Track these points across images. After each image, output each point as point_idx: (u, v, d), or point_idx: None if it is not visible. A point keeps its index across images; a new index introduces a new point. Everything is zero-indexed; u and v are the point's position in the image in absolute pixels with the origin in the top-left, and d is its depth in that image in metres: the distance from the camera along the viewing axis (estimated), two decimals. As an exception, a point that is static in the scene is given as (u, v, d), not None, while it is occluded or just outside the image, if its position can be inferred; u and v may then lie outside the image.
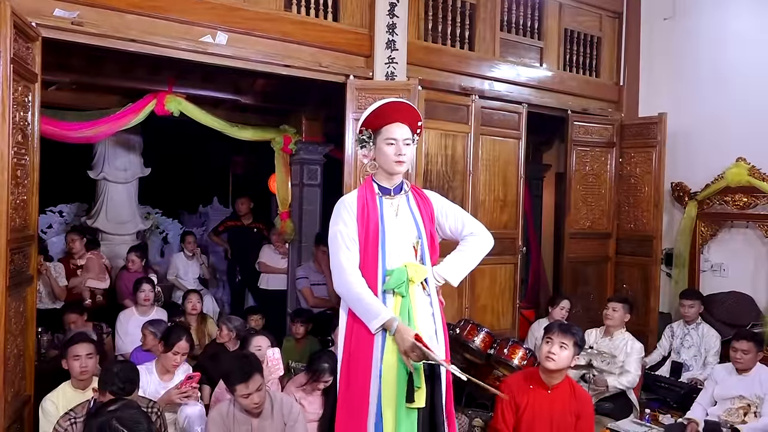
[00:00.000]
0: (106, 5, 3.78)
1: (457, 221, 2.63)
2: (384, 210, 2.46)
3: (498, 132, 5.29)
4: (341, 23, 4.71)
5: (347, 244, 2.39)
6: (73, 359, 3.30)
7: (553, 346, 3.10)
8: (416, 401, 2.29)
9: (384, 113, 2.46)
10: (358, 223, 2.42)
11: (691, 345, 5.02)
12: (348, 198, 2.50)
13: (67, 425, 2.79)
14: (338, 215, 2.45)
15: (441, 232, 2.65)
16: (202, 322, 5.05)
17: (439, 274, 2.54)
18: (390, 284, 2.35)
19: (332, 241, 2.44)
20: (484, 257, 2.68)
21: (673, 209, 6.05)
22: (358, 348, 2.39)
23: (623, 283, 6.03)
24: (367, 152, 2.52)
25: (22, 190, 3.30)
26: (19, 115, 3.23)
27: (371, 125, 2.48)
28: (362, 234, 2.41)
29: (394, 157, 2.44)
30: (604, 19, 6.22)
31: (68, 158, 6.30)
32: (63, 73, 4.97)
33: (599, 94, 6.19)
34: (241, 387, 2.97)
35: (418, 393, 2.30)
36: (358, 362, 2.38)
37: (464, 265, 2.61)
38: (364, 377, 2.35)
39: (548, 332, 3.20)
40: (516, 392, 3.15)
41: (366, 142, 2.50)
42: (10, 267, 3.10)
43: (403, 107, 2.49)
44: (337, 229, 2.42)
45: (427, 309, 2.46)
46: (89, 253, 5.56)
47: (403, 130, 2.47)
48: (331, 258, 2.43)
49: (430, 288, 2.49)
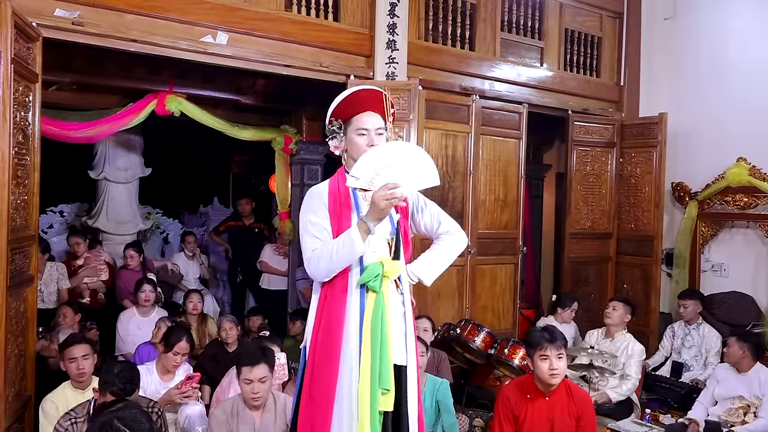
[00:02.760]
0: (107, 5, 3.78)
1: (432, 219, 2.50)
2: (359, 203, 2.31)
3: (498, 132, 5.29)
4: (342, 23, 4.72)
5: (315, 233, 2.25)
6: (69, 362, 3.28)
7: (553, 361, 3.01)
8: (383, 404, 2.17)
9: (354, 102, 2.31)
10: (329, 213, 2.28)
11: (692, 345, 5.02)
12: (318, 188, 2.36)
13: (67, 425, 2.79)
14: (308, 205, 2.31)
15: (415, 228, 2.52)
16: (203, 322, 5.06)
17: (413, 272, 2.42)
18: (363, 278, 2.20)
19: (301, 232, 2.30)
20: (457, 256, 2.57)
21: (674, 209, 6.05)
22: (327, 334, 2.23)
23: (624, 283, 6.03)
24: (337, 143, 2.36)
25: (22, 190, 3.30)
26: (20, 115, 3.23)
27: (341, 115, 2.33)
28: (334, 225, 2.26)
29: (366, 147, 2.27)
30: (604, 19, 6.23)
31: (69, 158, 6.30)
32: (63, 73, 4.97)
33: (600, 94, 6.19)
34: (245, 370, 2.98)
35: (386, 396, 2.18)
36: (328, 348, 2.23)
37: (438, 265, 2.48)
38: (332, 366, 2.21)
39: (539, 349, 3.03)
40: (513, 404, 3.11)
41: (336, 132, 2.35)
42: (11, 267, 3.11)
43: (375, 95, 2.33)
44: (306, 219, 2.29)
45: (399, 308, 2.33)
46: (87, 252, 5.56)
47: (375, 119, 2.32)
48: (302, 247, 2.29)
49: (404, 286, 2.36)
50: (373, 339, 2.18)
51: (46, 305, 4.88)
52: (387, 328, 2.21)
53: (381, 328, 2.19)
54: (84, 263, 5.48)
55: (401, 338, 2.31)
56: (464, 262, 5.07)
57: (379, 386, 2.16)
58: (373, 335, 2.18)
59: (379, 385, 2.16)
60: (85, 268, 5.43)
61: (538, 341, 3.07)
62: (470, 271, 5.12)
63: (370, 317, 2.20)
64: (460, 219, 5.00)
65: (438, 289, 4.95)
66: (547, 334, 3.09)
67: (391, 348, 2.22)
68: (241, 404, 3.07)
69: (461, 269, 5.08)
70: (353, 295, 2.24)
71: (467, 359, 4.61)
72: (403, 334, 2.32)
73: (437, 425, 3.53)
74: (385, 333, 2.19)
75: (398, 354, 2.27)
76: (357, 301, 2.24)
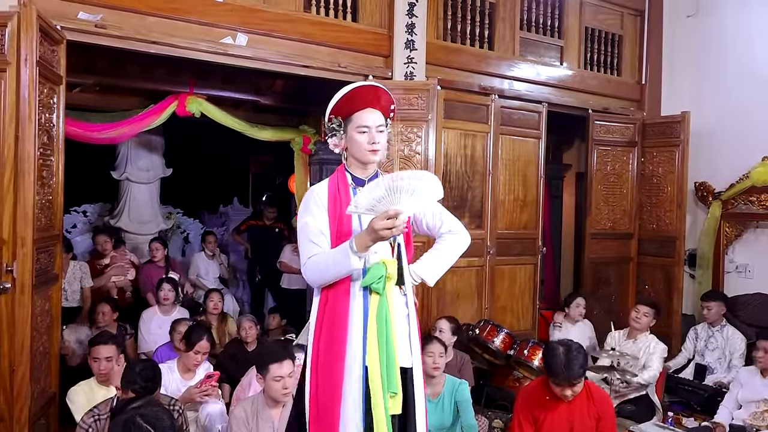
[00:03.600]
0: (129, 8, 3.83)
1: (435, 218, 2.44)
2: None
3: (518, 132, 5.26)
4: (360, 23, 4.72)
5: (313, 238, 2.20)
6: (93, 360, 3.37)
7: (567, 393, 2.97)
8: (392, 408, 2.14)
9: (354, 98, 2.25)
10: (328, 215, 2.22)
11: (716, 347, 4.94)
12: (317, 188, 2.29)
13: (90, 422, 2.83)
14: (306, 207, 2.25)
15: (417, 227, 2.46)
16: (223, 321, 5.10)
17: (416, 272, 2.37)
18: (366, 280, 2.15)
19: (299, 234, 2.25)
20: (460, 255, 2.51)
21: (697, 209, 5.96)
22: (331, 337, 2.18)
23: (645, 284, 5.95)
24: (337, 141, 2.30)
25: (47, 191, 3.36)
26: (45, 116, 3.29)
27: (341, 112, 2.28)
28: (333, 227, 2.21)
29: (367, 145, 2.23)
30: (625, 17, 6.16)
31: (92, 159, 6.40)
32: (87, 75, 5.05)
33: (621, 93, 6.12)
34: (275, 367, 2.99)
35: (394, 399, 2.15)
36: (332, 352, 2.17)
37: (442, 264, 2.43)
38: (337, 370, 2.15)
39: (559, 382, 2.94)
40: (533, 405, 3.09)
41: (336, 130, 2.30)
42: (36, 266, 3.16)
43: (375, 91, 2.28)
44: (304, 222, 2.23)
45: (402, 310, 2.28)
46: (113, 251, 5.65)
47: (375, 116, 2.27)
48: (299, 250, 2.25)
49: (407, 287, 2.30)
50: (379, 342, 2.14)
51: (70, 303, 4.98)
52: (392, 331, 2.17)
53: (386, 330, 2.15)
54: (110, 262, 5.58)
55: (406, 340, 2.26)
56: (483, 262, 5.05)
57: (388, 390, 2.12)
58: (379, 338, 2.15)
59: (387, 388, 2.12)
60: (112, 267, 5.53)
61: (557, 374, 2.96)
62: (489, 272, 5.09)
63: (374, 320, 2.16)
64: (479, 219, 4.99)
65: (457, 290, 4.93)
66: (566, 373, 2.93)
67: (397, 350, 2.18)
68: (260, 403, 3.09)
69: (480, 269, 5.05)
70: (356, 298, 2.19)
71: (486, 360, 4.59)
72: (408, 335, 2.28)
73: (457, 426, 3.52)
74: (390, 335, 2.16)
75: (404, 356, 2.23)
76: (360, 304, 2.19)
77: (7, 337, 3.06)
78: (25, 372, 3.08)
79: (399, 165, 4.58)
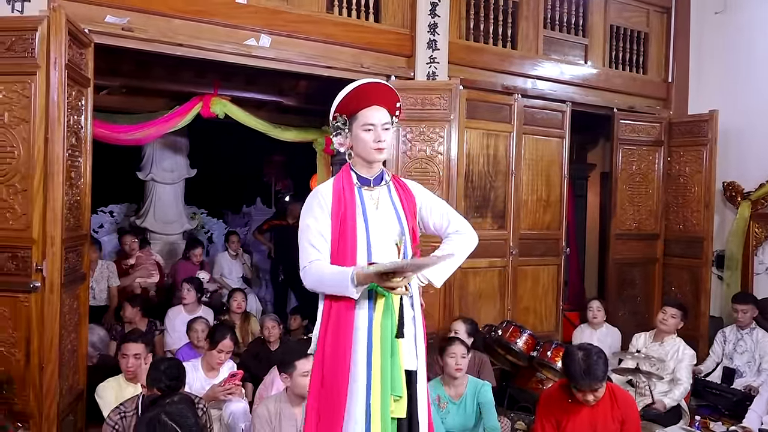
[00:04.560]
0: (155, 11, 3.89)
1: (442, 218, 2.37)
2: (365, 203, 2.22)
3: (541, 131, 5.21)
4: (382, 24, 4.73)
5: (313, 241, 2.18)
6: (122, 357, 3.43)
7: (589, 398, 2.93)
8: (396, 411, 2.11)
9: (359, 96, 2.21)
10: (332, 217, 2.19)
11: (745, 350, 4.84)
12: (322, 189, 2.25)
13: (117, 419, 2.88)
14: (309, 208, 2.22)
15: (423, 227, 2.40)
16: (246, 320, 5.15)
17: (422, 274, 2.29)
18: (372, 284, 2.10)
19: (300, 235, 2.23)
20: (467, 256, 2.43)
21: (725, 209, 5.85)
22: (336, 341, 2.14)
23: (672, 285, 5.85)
24: (342, 140, 2.26)
25: (75, 191, 3.42)
26: (73, 118, 3.36)
27: (346, 110, 2.24)
28: (337, 229, 2.18)
29: (373, 144, 2.19)
30: (651, 15, 6.08)
31: (118, 160, 6.50)
32: (113, 77, 5.14)
33: (646, 92, 6.04)
34: (302, 363, 2.99)
35: (398, 403, 2.11)
36: (337, 356, 2.13)
37: (449, 265, 2.34)
38: (342, 375, 2.12)
39: (580, 387, 2.88)
40: (556, 407, 3.04)
41: (341, 129, 2.26)
42: (65, 265, 3.22)
43: (380, 88, 2.23)
44: (305, 224, 2.21)
45: (408, 311, 2.22)
46: (139, 252, 5.75)
47: (381, 113, 2.22)
48: (300, 252, 2.22)
49: (413, 289, 2.24)
50: (384, 344, 2.11)
51: (97, 302, 5.08)
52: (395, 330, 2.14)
53: (391, 333, 2.12)
54: (136, 263, 5.67)
55: (411, 342, 2.21)
56: (506, 263, 5.01)
57: (392, 393, 2.09)
58: (384, 341, 2.11)
59: (391, 391, 2.09)
60: (138, 269, 5.62)
61: (578, 383, 2.91)
62: (512, 272, 5.06)
63: (379, 322, 2.13)
64: (501, 219, 4.96)
65: (479, 290, 4.91)
66: (586, 379, 2.86)
67: (402, 353, 2.14)
68: (284, 401, 3.11)
69: (503, 270, 5.02)
70: (362, 300, 2.14)
71: (509, 361, 4.56)
72: (413, 337, 2.23)
73: (479, 427, 3.50)
74: (395, 338, 2.13)
75: (408, 359, 2.19)
76: (366, 306, 2.15)
77: (36, 335, 3.13)
78: (54, 369, 3.14)
79: (421, 165, 4.57)
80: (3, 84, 3.15)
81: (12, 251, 3.15)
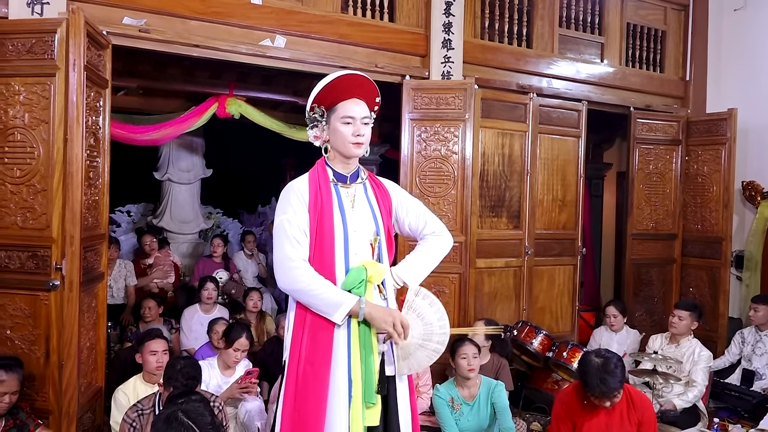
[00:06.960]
0: (171, 12, 3.92)
1: (418, 219, 2.34)
2: (342, 200, 2.16)
3: (557, 130, 5.18)
4: (397, 24, 4.73)
5: (295, 236, 2.08)
6: (150, 354, 3.41)
7: (613, 400, 2.90)
8: (368, 419, 2.04)
9: (339, 88, 2.12)
10: (309, 213, 2.11)
11: (764, 352, 4.77)
12: (298, 184, 2.17)
13: (134, 417, 2.91)
14: (287, 203, 2.13)
15: (398, 228, 2.36)
16: (261, 319, 5.17)
17: (398, 275, 2.24)
18: (346, 284, 2.06)
19: (277, 231, 2.11)
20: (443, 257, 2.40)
21: (744, 209, 5.77)
22: (313, 348, 2.06)
23: (690, 286, 5.79)
24: (318, 133, 2.19)
25: (94, 191, 3.46)
26: (92, 119, 3.40)
27: (324, 101, 2.15)
28: (314, 227, 2.10)
29: (352, 138, 2.12)
30: (668, 12, 6.01)
31: (135, 160, 6.56)
32: (131, 78, 5.20)
33: (664, 90, 5.97)
34: None
35: (371, 410, 2.05)
36: (314, 365, 2.05)
37: (424, 267, 2.30)
38: (320, 385, 2.03)
39: (596, 396, 2.87)
40: (570, 411, 3.02)
41: (318, 120, 2.18)
42: (83, 264, 3.27)
43: (361, 81, 2.15)
44: (284, 219, 2.10)
45: None
46: (157, 252, 5.80)
47: (361, 107, 2.15)
48: (275, 251, 2.12)
49: (387, 291, 2.18)
50: (361, 349, 2.06)
51: (115, 301, 5.14)
52: (372, 338, 2.08)
53: (366, 337, 2.07)
54: (154, 263, 5.73)
55: (387, 346, 2.14)
56: (521, 263, 4.99)
57: (365, 400, 2.03)
58: (362, 345, 2.07)
59: (363, 399, 2.03)
60: (155, 270, 5.67)
61: (594, 392, 2.89)
62: (527, 272, 5.03)
63: (356, 325, 2.07)
64: (516, 219, 4.94)
65: (495, 291, 4.89)
66: (602, 388, 2.83)
67: (376, 358, 2.08)
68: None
69: (518, 270, 5.00)
70: None
71: (525, 362, 4.54)
72: (389, 343, 2.15)
73: (494, 428, 3.49)
74: (369, 342, 2.07)
75: (388, 364, 2.15)
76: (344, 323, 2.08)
77: (56, 332, 3.17)
78: (73, 367, 3.19)
79: (436, 165, 4.56)
80: (23, 85, 3.20)
81: (32, 250, 3.20)
